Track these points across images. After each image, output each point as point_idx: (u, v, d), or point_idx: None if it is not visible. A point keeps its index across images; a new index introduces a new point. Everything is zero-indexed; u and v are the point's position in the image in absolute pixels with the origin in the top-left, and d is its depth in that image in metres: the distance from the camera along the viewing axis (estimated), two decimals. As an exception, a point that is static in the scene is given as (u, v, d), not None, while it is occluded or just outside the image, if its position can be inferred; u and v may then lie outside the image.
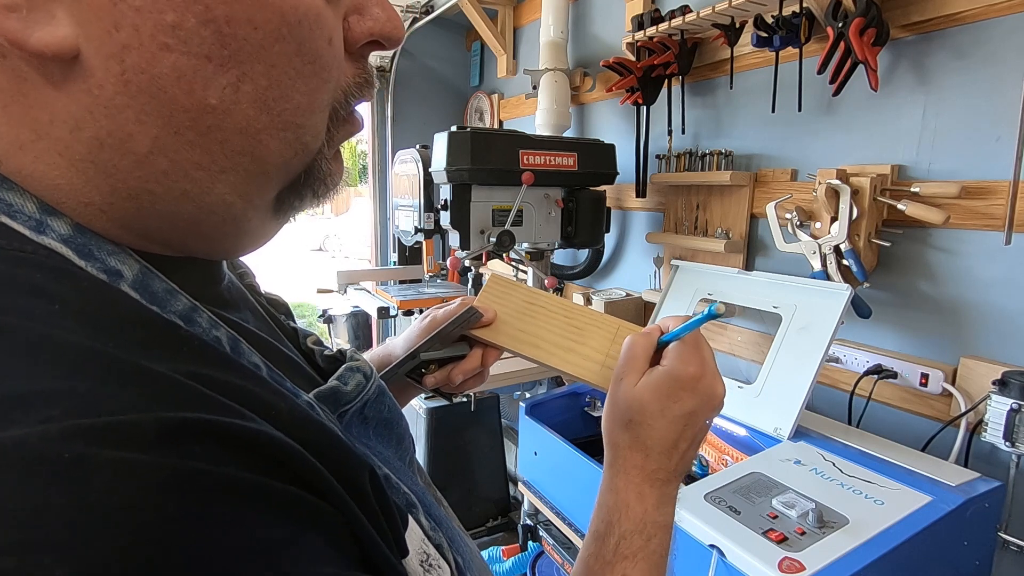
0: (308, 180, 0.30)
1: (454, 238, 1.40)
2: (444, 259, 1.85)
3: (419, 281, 2.17)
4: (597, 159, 1.53)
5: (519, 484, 1.24)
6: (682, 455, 0.45)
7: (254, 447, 0.22)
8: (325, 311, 2.16)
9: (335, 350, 0.41)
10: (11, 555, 0.16)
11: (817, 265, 1.12)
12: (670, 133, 1.51)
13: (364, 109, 2.99)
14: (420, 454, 1.64)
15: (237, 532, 0.20)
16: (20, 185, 0.24)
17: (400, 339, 0.62)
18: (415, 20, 2.35)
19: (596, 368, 0.54)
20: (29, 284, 0.22)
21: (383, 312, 1.77)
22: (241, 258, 0.40)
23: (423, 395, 1.60)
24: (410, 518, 0.32)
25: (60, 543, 0.16)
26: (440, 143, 1.35)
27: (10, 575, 0.15)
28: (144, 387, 0.21)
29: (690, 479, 0.94)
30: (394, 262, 2.33)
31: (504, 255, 1.49)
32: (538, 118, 1.80)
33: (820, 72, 1.08)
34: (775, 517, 0.75)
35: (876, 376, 1.09)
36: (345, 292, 2.00)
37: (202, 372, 0.23)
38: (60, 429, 0.18)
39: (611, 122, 1.80)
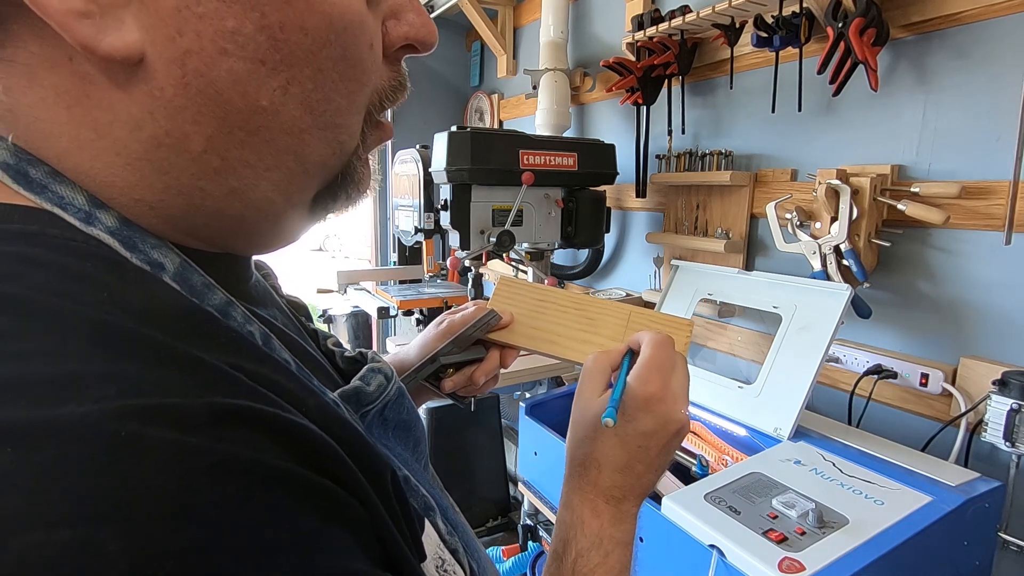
0: (343, 182, 0.31)
1: (454, 238, 1.40)
2: (444, 259, 1.85)
3: (419, 281, 2.17)
4: (597, 159, 1.53)
5: (519, 484, 1.24)
6: (639, 476, 0.44)
7: (293, 437, 0.22)
8: (325, 311, 2.16)
9: (355, 352, 0.41)
10: (68, 527, 0.16)
11: (817, 265, 1.12)
12: (670, 133, 1.51)
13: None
14: (420, 454, 1.64)
15: (275, 520, 0.20)
16: (72, 180, 0.25)
17: (414, 345, 0.62)
18: (415, 20, 2.34)
19: None
20: (79, 271, 0.23)
21: (383, 312, 1.77)
22: (257, 259, 0.41)
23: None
24: (427, 521, 0.32)
25: (114, 518, 0.17)
26: (440, 143, 1.35)
27: (65, 546, 0.16)
28: (192, 373, 0.21)
29: (690, 479, 0.94)
30: (394, 262, 2.33)
31: (504, 255, 1.49)
32: (538, 118, 1.80)
33: (820, 72, 1.08)
34: (775, 517, 0.75)
35: (876, 376, 1.09)
36: (345, 292, 2.00)
37: (239, 363, 0.24)
38: (115, 408, 0.18)
39: (611, 122, 1.80)
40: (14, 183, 0.24)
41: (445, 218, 1.40)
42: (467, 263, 1.43)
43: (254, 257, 0.37)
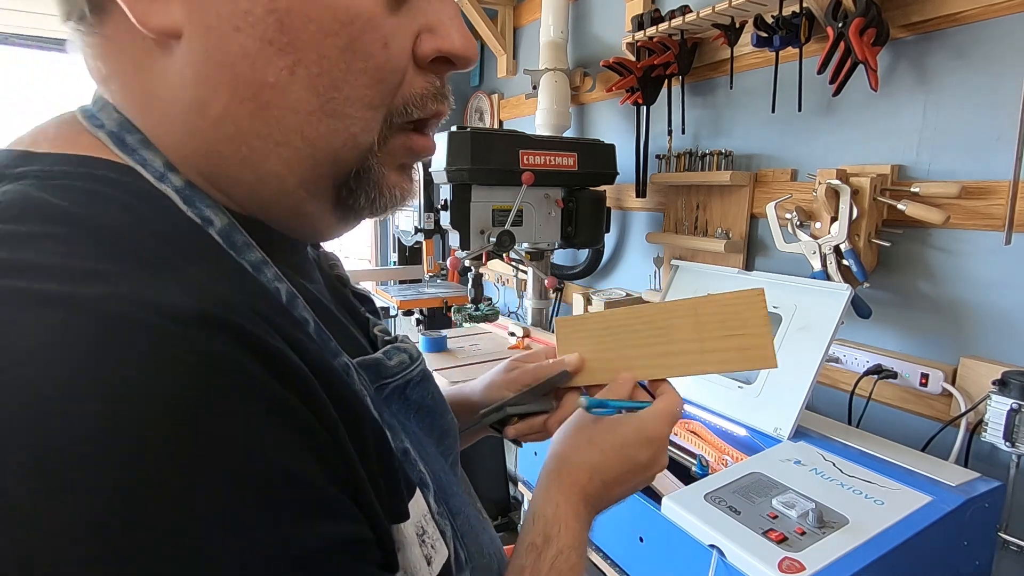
0: (361, 181, 0.33)
1: (454, 238, 1.40)
2: (444, 259, 1.85)
3: (419, 281, 2.17)
4: (597, 159, 1.53)
5: (519, 484, 1.24)
6: (616, 496, 0.47)
7: (274, 359, 0.25)
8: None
9: (391, 336, 0.44)
10: (49, 382, 0.20)
11: (817, 265, 1.12)
12: (670, 133, 1.51)
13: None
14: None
15: (244, 423, 0.22)
16: (156, 147, 0.30)
17: (478, 384, 0.63)
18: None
19: (697, 357, 0.53)
20: (138, 210, 0.28)
21: (383, 312, 1.77)
22: (328, 251, 0.47)
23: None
24: (418, 491, 0.34)
25: (97, 382, 0.20)
26: (440, 143, 1.35)
27: (51, 396, 0.20)
28: (199, 290, 0.25)
29: (690, 479, 0.94)
30: (394, 262, 2.33)
31: (504, 255, 1.49)
32: (538, 118, 1.80)
33: (820, 72, 1.08)
34: (775, 517, 0.75)
35: (876, 376, 1.09)
36: (345, 292, 2.00)
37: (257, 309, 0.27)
38: (124, 294, 0.22)
39: (611, 122, 1.80)
40: (113, 146, 0.30)
41: (445, 218, 1.40)
42: (467, 263, 1.43)
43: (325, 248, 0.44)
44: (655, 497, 0.83)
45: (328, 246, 0.48)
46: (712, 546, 0.71)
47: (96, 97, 0.32)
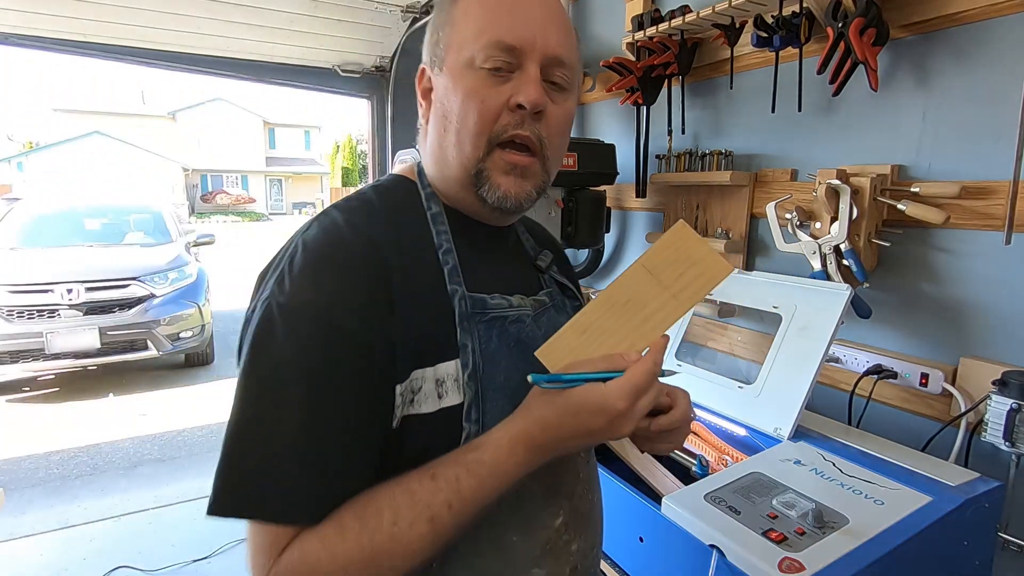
0: (480, 179, 0.60)
1: (454, 238, 1.40)
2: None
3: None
4: (597, 159, 1.53)
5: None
6: (571, 448, 0.54)
7: (387, 263, 0.54)
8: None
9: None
10: (308, 246, 0.55)
11: (817, 265, 1.12)
12: (670, 133, 1.51)
13: (363, 110, 2.94)
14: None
15: (339, 275, 0.53)
16: (426, 172, 0.65)
17: None
18: (415, 20, 2.35)
19: (674, 303, 0.56)
20: (398, 199, 0.63)
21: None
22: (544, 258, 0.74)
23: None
24: (457, 363, 0.55)
25: (316, 246, 0.55)
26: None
27: (309, 251, 0.55)
28: (384, 230, 0.57)
29: (690, 479, 0.94)
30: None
31: (504, 255, 1.48)
32: (538, 118, 1.80)
33: (820, 72, 1.08)
34: (775, 517, 0.75)
35: (876, 376, 1.09)
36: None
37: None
38: (352, 221, 0.57)
39: (611, 122, 1.80)
40: (416, 174, 0.66)
41: (445, 218, 1.40)
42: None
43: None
44: (655, 497, 0.83)
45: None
46: (712, 546, 0.71)
47: None
